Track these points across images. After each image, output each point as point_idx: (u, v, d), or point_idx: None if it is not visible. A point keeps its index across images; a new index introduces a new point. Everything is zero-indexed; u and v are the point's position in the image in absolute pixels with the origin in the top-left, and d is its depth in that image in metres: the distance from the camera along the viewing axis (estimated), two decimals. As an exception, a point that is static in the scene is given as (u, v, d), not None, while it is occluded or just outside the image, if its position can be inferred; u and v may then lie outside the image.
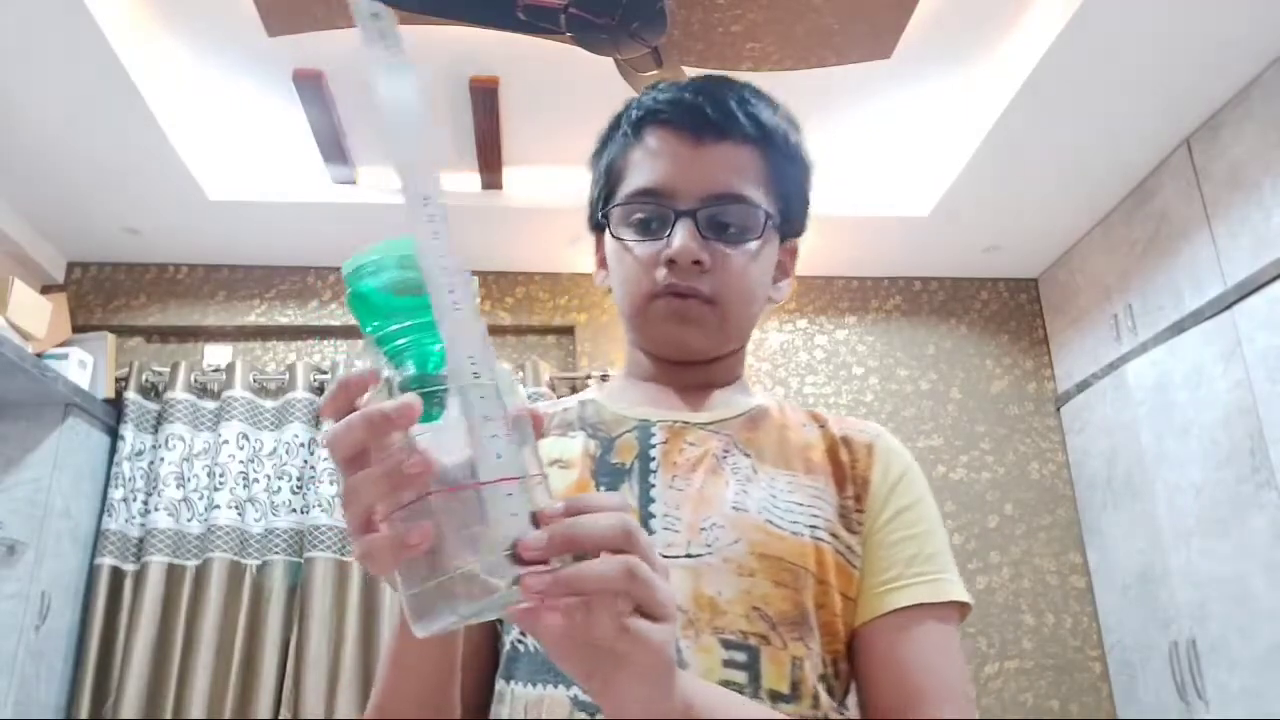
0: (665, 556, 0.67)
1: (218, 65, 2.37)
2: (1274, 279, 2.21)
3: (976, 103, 2.50)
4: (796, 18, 2.14)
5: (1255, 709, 2.23)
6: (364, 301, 0.47)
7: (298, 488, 2.85)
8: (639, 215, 0.77)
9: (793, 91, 3.02)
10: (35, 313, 2.68)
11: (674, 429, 0.76)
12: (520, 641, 0.71)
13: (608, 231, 0.80)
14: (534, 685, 0.68)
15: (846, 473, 0.76)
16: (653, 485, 0.73)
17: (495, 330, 3.22)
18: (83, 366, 2.78)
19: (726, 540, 0.69)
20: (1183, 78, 2.28)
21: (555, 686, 0.66)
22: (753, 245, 0.77)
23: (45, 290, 2.99)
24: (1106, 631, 2.97)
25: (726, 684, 0.64)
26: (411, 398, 0.44)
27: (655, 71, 2.05)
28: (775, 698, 0.66)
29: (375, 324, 0.47)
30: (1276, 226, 2.21)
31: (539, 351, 3.21)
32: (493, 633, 0.75)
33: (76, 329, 2.98)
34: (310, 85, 2.38)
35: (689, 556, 0.68)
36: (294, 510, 2.82)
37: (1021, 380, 3.30)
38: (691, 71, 2.17)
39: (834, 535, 0.72)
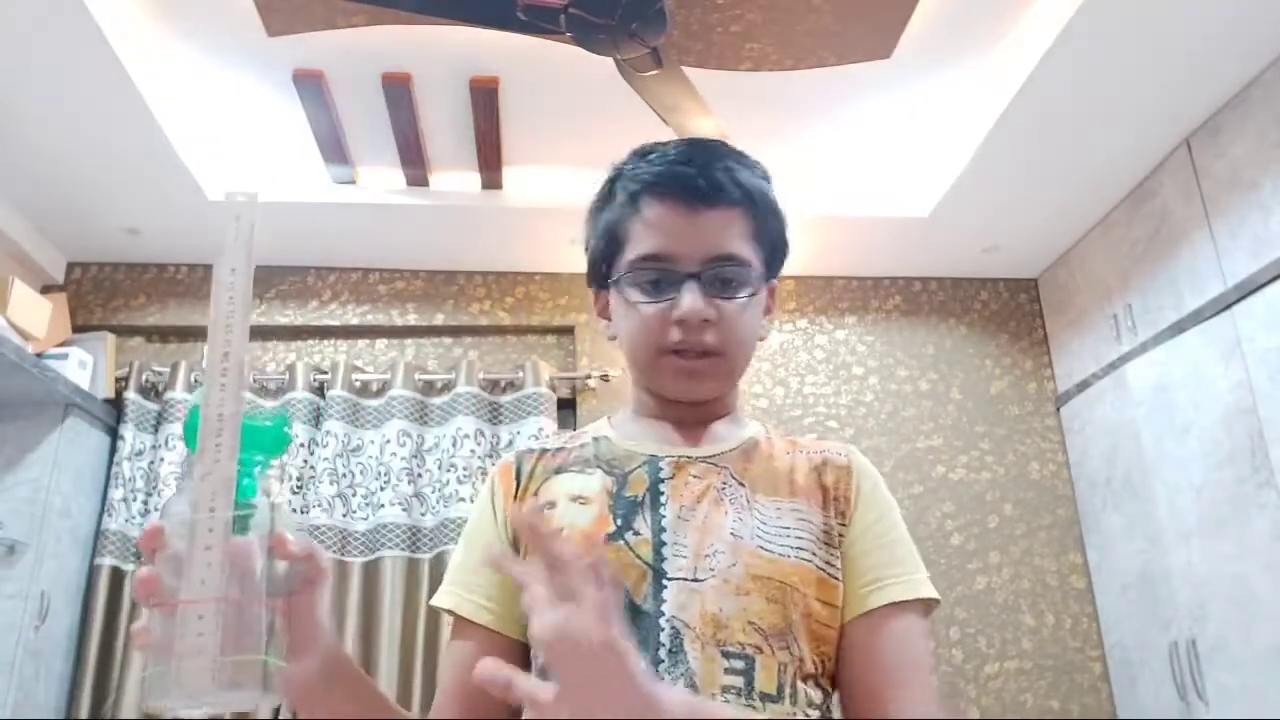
0: (675, 579, 0.79)
1: (218, 65, 2.37)
2: (1274, 279, 2.21)
3: (976, 103, 2.50)
4: (796, 18, 2.14)
5: (1255, 709, 2.23)
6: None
7: (298, 488, 2.85)
8: (647, 279, 0.86)
9: (793, 91, 3.01)
10: (35, 313, 2.68)
11: (679, 463, 0.87)
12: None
13: (614, 290, 0.90)
14: None
15: (830, 494, 0.87)
16: (663, 516, 0.83)
17: (495, 330, 3.22)
18: (83, 366, 2.78)
19: (726, 564, 0.79)
20: (1183, 78, 2.28)
21: None
22: (747, 298, 0.87)
23: (45, 290, 2.99)
24: (1106, 631, 2.97)
25: (726, 688, 0.75)
26: (154, 526, 0.56)
27: (655, 71, 2.05)
28: (765, 698, 0.76)
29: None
30: (1276, 226, 2.21)
31: (539, 351, 3.21)
32: (524, 653, 0.85)
33: (76, 329, 2.98)
34: (310, 85, 2.38)
35: (695, 580, 0.79)
36: (294, 510, 2.81)
37: (1021, 380, 3.30)
38: (692, 73, 2.16)
39: (814, 553, 0.83)
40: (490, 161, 2.71)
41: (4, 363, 2.34)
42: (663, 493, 0.84)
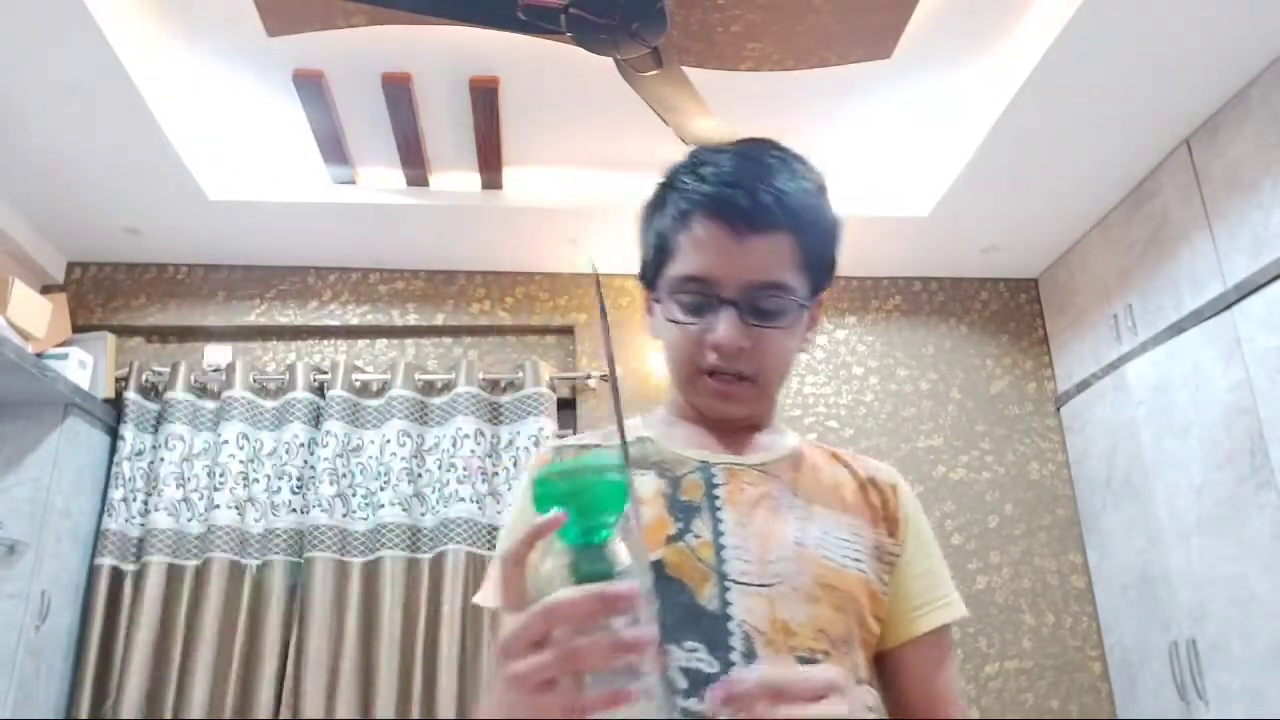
0: (740, 583, 0.80)
1: (218, 65, 2.37)
2: (1274, 279, 2.21)
3: (976, 103, 2.50)
4: (796, 18, 2.14)
5: (1255, 709, 2.23)
6: (592, 491, 0.59)
7: (297, 488, 2.85)
8: (687, 299, 0.87)
9: (793, 91, 3.01)
10: (35, 313, 2.68)
11: (731, 470, 0.88)
12: None
13: (659, 305, 0.91)
14: None
15: (879, 513, 0.90)
16: (721, 520, 0.84)
17: (495, 330, 3.22)
18: (83, 366, 2.78)
19: (793, 571, 0.82)
20: (1183, 78, 2.28)
21: None
22: (787, 325, 0.87)
23: (45, 290, 2.99)
24: (1106, 631, 2.97)
25: None
26: (631, 588, 0.56)
27: (655, 71, 2.05)
28: None
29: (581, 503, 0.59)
30: (1276, 226, 2.21)
31: (539, 351, 3.21)
32: None
33: (76, 329, 2.98)
34: (310, 85, 2.38)
35: (763, 585, 0.80)
36: (294, 510, 2.82)
37: (1021, 380, 3.30)
38: (692, 73, 2.16)
39: (869, 567, 0.86)
40: (490, 161, 2.71)
41: (4, 363, 2.34)
42: (718, 498, 0.85)
